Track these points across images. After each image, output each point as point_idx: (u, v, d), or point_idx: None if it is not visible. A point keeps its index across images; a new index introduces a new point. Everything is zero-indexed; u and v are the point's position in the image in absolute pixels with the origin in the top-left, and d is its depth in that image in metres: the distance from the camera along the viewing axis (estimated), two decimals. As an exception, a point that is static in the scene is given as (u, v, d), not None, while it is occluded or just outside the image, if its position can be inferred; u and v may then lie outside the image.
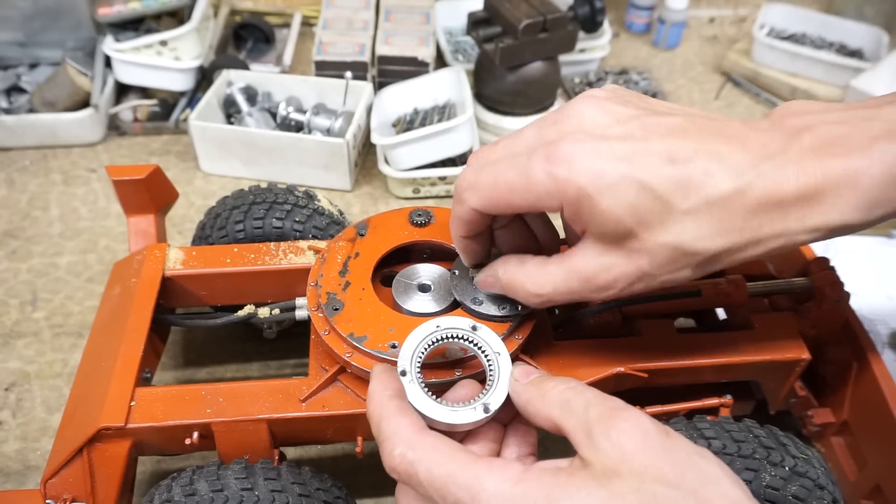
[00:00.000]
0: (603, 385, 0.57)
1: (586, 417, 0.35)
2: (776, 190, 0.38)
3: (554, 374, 0.55)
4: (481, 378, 0.49)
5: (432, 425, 0.40)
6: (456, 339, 0.45)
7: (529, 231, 0.51)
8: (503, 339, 0.52)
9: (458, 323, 0.45)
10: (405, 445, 0.36)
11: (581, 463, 0.34)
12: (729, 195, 0.39)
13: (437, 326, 0.45)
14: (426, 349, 0.44)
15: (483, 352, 0.44)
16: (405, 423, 0.38)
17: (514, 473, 0.34)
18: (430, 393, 0.41)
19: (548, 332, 0.59)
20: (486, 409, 0.41)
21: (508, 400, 0.41)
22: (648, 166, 0.39)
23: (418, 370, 0.43)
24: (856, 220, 0.39)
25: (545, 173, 0.40)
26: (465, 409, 0.41)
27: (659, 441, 0.34)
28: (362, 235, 0.61)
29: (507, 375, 0.42)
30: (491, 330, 0.45)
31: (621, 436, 0.34)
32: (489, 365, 0.44)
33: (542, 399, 0.38)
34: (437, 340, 0.44)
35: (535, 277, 0.45)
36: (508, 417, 0.43)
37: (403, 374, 0.42)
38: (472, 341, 0.45)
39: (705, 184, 0.39)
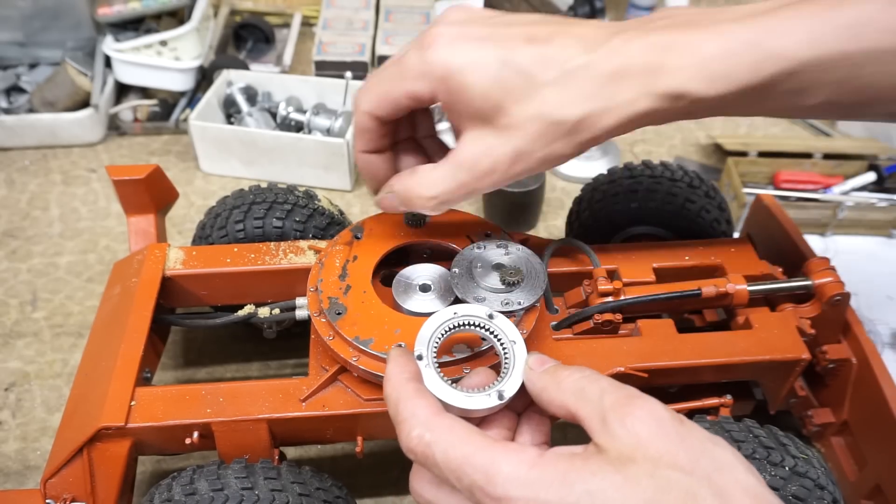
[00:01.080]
0: (603, 385, 0.57)
1: (601, 405, 0.36)
2: (624, 59, 0.43)
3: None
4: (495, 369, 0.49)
5: (447, 410, 0.40)
6: (472, 327, 0.45)
7: (426, 154, 0.55)
8: None
9: (474, 311, 0.45)
10: (423, 427, 0.37)
11: (596, 449, 0.35)
12: (583, 65, 0.43)
13: (455, 313, 0.45)
14: (443, 335, 0.44)
15: (499, 340, 0.44)
16: (422, 405, 0.38)
17: (530, 457, 0.35)
18: (445, 378, 0.41)
19: (548, 331, 0.59)
20: (500, 396, 0.41)
21: (523, 388, 0.41)
22: (510, 45, 0.43)
23: (434, 355, 0.43)
24: (699, 89, 0.42)
25: (416, 58, 0.45)
26: (479, 396, 0.41)
27: (673, 428, 0.34)
28: (358, 238, 0.61)
29: (522, 363, 0.42)
30: (507, 319, 0.45)
31: (636, 423, 0.34)
32: (504, 353, 0.44)
33: (557, 387, 0.39)
34: (454, 327, 0.45)
35: (426, 180, 0.48)
36: (522, 406, 0.43)
37: (420, 358, 0.42)
38: (487, 329, 0.45)
39: (561, 57, 0.43)
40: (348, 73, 1.01)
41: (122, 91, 1.09)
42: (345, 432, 0.56)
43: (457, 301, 0.56)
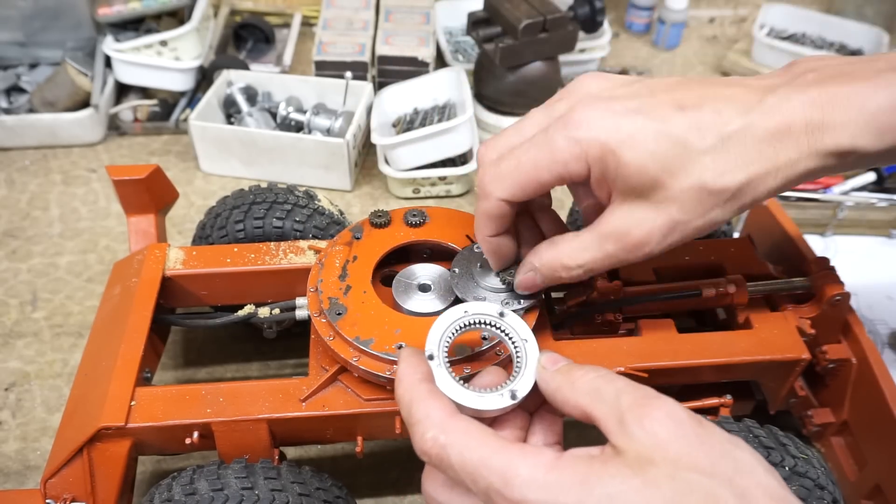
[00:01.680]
0: (603, 385, 0.57)
1: (618, 405, 0.35)
2: (784, 118, 0.41)
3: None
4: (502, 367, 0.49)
5: (459, 411, 0.40)
6: (483, 325, 0.44)
7: (539, 229, 0.52)
8: None
9: (485, 309, 0.44)
10: (437, 429, 0.36)
11: (614, 451, 0.34)
12: (741, 128, 0.41)
13: (465, 312, 0.44)
14: (454, 334, 0.43)
15: (510, 338, 0.44)
16: (436, 407, 0.37)
17: (548, 460, 0.34)
18: (457, 378, 0.41)
19: (548, 331, 0.59)
20: (513, 396, 0.40)
21: (535, 387, 0.41)
22: (661, 115, 0.41)
23: (445, 355, 0.42)
24: (868, 145, 0.40)
25: (567, 139, 0.42)
26: (492, 395, 0.40)
27: (692, 429, 0.34)
28: (358, 238, 0.61)
29: (534, 362, 0.42)
30: (518, 317, 0.44)
31: (654, 424, 0.33)
32: (516, 351, 0.43)
33: (571, 387, 0.38)
34: (465, 326, 0.44)
35: (570, 251, 0.46)
36: (535, 405, 0.42)
37: (431, 357, 0.42)
38: (499, 327, 0.44)
39: (717, 122, 0.41)
40: (348, 73, 1.01)
41: (122, 91, 1.09)
42: (345, 432, 0.56)
43: (457, 301, 0.56)
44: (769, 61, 1.19)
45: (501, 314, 0.44)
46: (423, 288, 0.57)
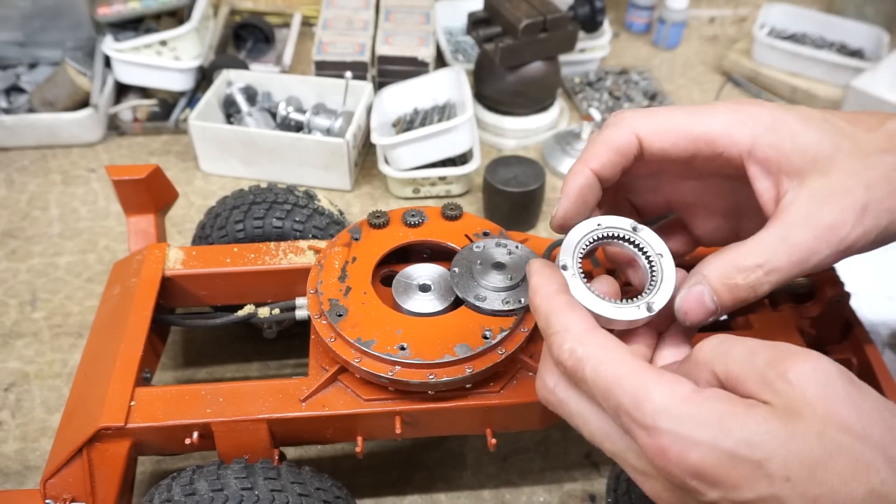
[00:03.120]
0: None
1: (754, 365, 0.32)
2: None
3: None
4: (492, 372, 0.49)
5: None
6: (616, 240, 0.42)
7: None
8: (509, 332, 0.53)
9: (619, 223, 0.42)
10: (575, 341, 0.35)
11: (758, 401, 0.31)
12: None
13: (599, 224, 0.42)
14: (587, 246, 0.42)
15: (645, 253, 0.42)
16: (576, 319, 0.36)
17: (685, 391, 0.32)
18: (591, 288, 0.40)
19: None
20: (649, 308, 0.39)
21: (668, 304, 0.39)
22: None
23: (580, 265, 0.41)
24: None
25: (732, 106, 0.39)
26: (629, 307, 0.39)
27: (844, 388, 0.31)
28: (357, 239, 0.61)
29: (671, 277, 0.40)
30: (652, 231, 0.42)
31: (801, 377, 0.31)
32: (651, 266, 0.41)
33: (698, 350, 0.35)
34: (599, 238, 0.42)
35: (746, 252, 0.38)
36: (665, 324, 0.41)
37: (565, 268, 0.40)
38: (632, 241, 0.42)
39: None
40: (348, 73, 1.01)
41: (122, 91, 1.09)
42: (345, 432, 0.56)
43: (457, 301, 0.56)
44: (769, 61, 1.19)
45: (635, 228, 0.42)
46: (424, 288, 0.57)
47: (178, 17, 1.10)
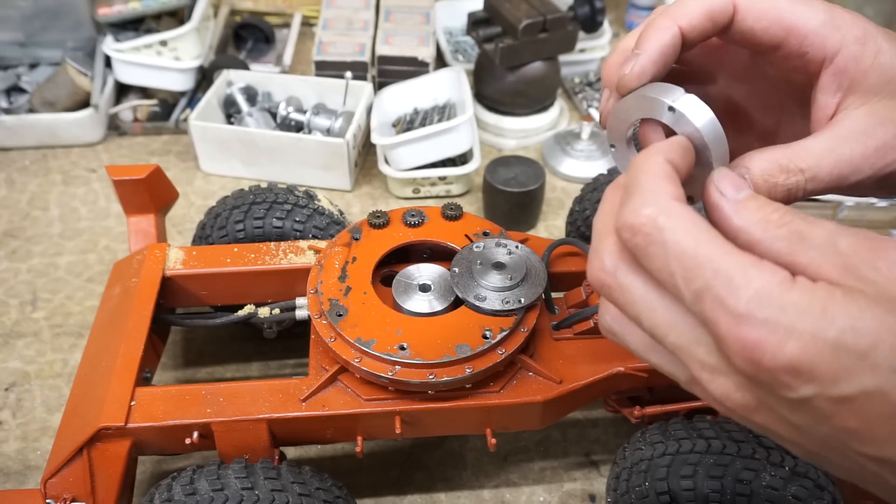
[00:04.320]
0: (603, 385, 0.57)
1: (836, 251, 0.29)
2: None
3: (555, 374, 0.55)
4: (492, 372, 0.49)
5: None
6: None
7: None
8: (509, 332, 0.53)
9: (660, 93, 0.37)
10: (659, 207, 0.30)
11: (850, 288, 0.28)
12: None
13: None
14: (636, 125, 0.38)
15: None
16: (665, 189, 0.31)
17: (784, 278, 0.28)
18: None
19: (548, 331, 0.59)
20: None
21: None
22: None
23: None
24: None
25: (828, 5, 0.36)
26: None
27: None
28: (357, 240, 0.61)
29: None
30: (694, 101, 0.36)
31: (892, 266, 0.28)
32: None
33: (762, 228, 0.30)
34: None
35: (793, 153, 0.36)
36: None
37: (613, 146, 0.39)
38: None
39: None
40: (348, 73, 1.01)
41: (122, 91, 1.09)
42: (345, 432, 0.56)
43: (457, 301, 0.56)
44: (769, 61, 1.18)
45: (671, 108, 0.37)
46: (424, 288, 0.58)
47: (178, 17, 1.10)
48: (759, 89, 0.42)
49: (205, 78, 1.10)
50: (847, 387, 0.27)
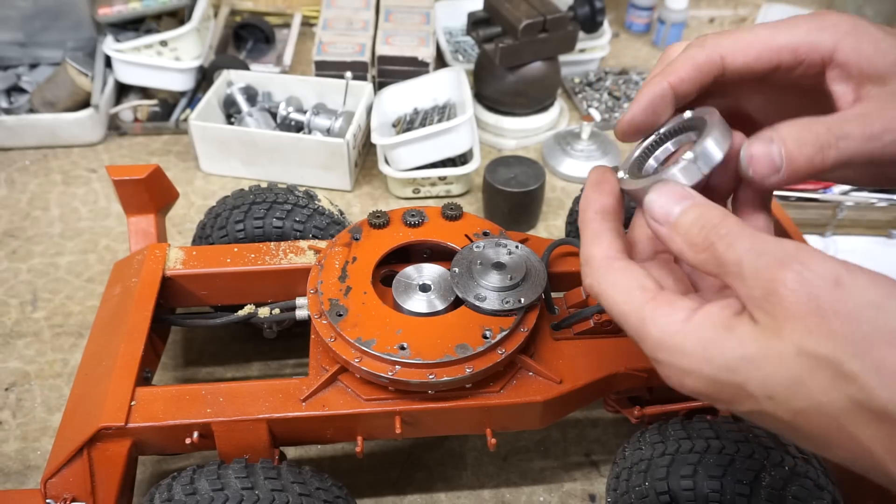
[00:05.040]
0: (603, 385, 0.57)
1: (743, 278, 0.32)
2: None
3: (555, 374, 0.55)
4: (492, 372, 0.49)
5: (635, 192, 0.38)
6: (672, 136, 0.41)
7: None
8: (509, 332, 0.53)
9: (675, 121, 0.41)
10: (592, 277, 0.37)
11: (745, 317, 0.32)
12: None
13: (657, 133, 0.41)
14: (646, 153, 0.42)
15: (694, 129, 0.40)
16: (598, 250, 0.38)
17: (676, 321, 0.33)
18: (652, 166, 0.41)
19: (548, 331, 0.59)
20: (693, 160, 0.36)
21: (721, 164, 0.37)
22: None
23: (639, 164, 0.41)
24: None
25: (810, 18, 0.38)
26: (673, 169, 0.37)
27: (827, 295, 0.29)
28: (357, 240, 0.61)
29: (721, 134, 0.37)
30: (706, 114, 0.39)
31: (789, 291, 0.30)
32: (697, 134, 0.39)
33: (694, 253, 0.34)
34: (652, 144, 0.42)
35: (828, 124, 0.36)
36: (726, 189, 0.40)
37: (616, 169, 0.41)
38: (685, 129, 0.41)
39: None
40: (348, 73, 1.01)
41: (123, 91, 1.10)
42: (345, 432, 0.56)
43: (457, 301, 0.56)
44: (769, 61, 1.18)
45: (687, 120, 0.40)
46: (424, 288, 0.58)
47: (178, 17, 1.10)
48: (773, 99, 0.44)
49: (205, 78, 1.10)
50: (741, 408, 0.32)
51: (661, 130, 0.41)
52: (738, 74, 0.40)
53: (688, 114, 0.40)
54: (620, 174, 0.41)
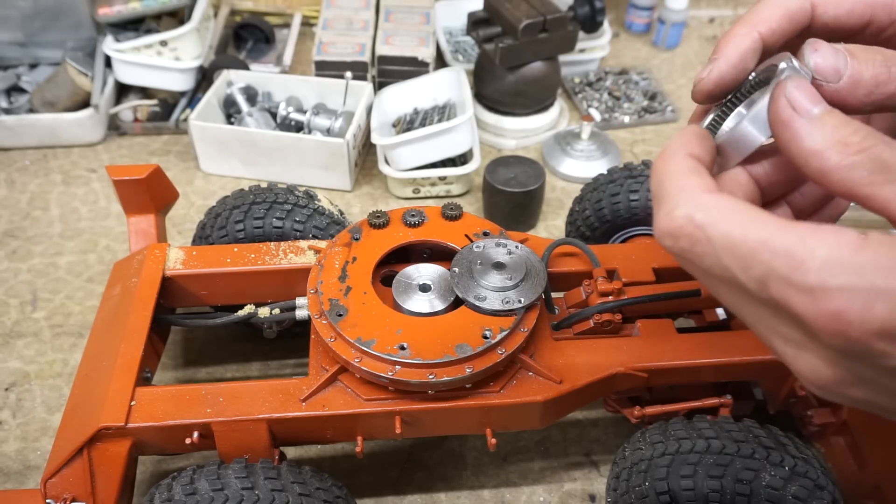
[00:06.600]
0: (603, 385, 0.57)
1: None
2: None
3: (555, 374, 0.55)
4: (492, 372, 0.49)
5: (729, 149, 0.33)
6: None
7: None
8: (509, 332, 0.53)
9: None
10: (693, 205, 0.28)
11: None
12: None
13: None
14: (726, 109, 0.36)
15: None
16: (695, 183, 0.29)
17: (853, 239, 0.26)
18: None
19: (548, 331, 0.59)
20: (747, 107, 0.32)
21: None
22: None
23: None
24: None
25: None
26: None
27: None
28: (357, 240, 0.61)
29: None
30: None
31: None
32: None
33: (840, 156, 0.27)
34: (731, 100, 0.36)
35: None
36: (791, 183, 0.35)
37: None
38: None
39: None
40: (348, 73, 1.01)
41: (123, 91, 1.09)
42: (345, 432, 0.56)
43: (457, 301, 0.56)
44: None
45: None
46: (424, 288, 0.58)
47: (178, 17, 1.10)
48: None
49: (205, 78, 1.10)
50: None
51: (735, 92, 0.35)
52: (827, 28, 0.35)
53: (760, 70, 0.35)
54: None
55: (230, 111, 1.02)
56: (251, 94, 1.03)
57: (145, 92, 1.09)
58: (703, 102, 0.36)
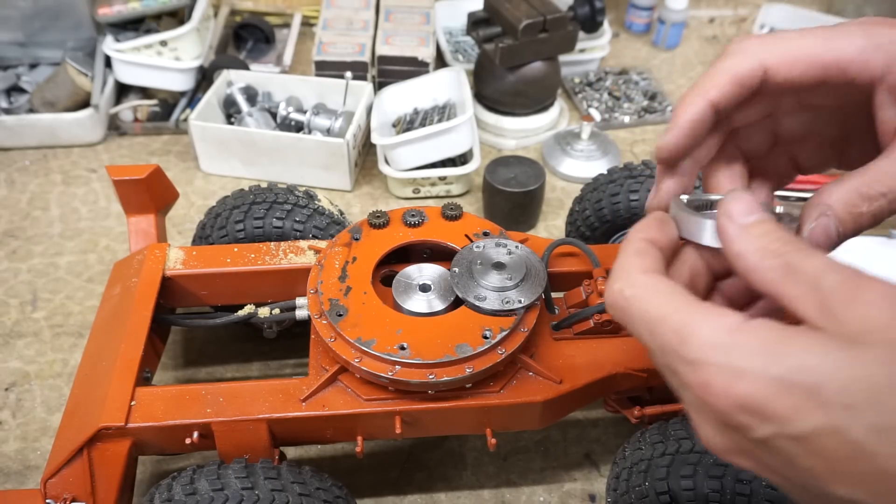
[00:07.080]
0: (603, 385, 0.57)
1: (818, 288, 0.29)
2: None
3: (555, 374, 0.55)
4: (492, 372, 0.49)
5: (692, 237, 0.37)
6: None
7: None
8: (509, 332, 0.53)
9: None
10: (625, 282, 0.34)
11: (812, 326, 0.29)
12: None
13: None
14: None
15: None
16: (635, 263, 0.34)
17: (732, 322, 0.29)
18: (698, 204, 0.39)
19: (548, 331, 0.59)
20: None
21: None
22: None
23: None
24: None
25: (864, 27, 0.35)
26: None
27: None
28: (357, 240, 0.61)
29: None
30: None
31: (866, 307, 0.27)
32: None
33: (759, 256, 0.31)
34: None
35: (870, 179, 0.35)
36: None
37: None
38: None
39: None
40: (348, 73, 1.01)
41: (123, 91, 1.09)
42: (345, 432, 0.56)
43: (457, 301, 0.56)
44: (769, 61, 1.18)
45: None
46: (424, 288, 0.58)
47: (178, 17, 1.10)
48: (809, 113, 0.42)
49: (205, 78, 1.10)
50: (801, 425, 0.27)
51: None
52: (780, 88, 0.38)
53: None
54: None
55: (230, 111, 1.02)
56: (251, 94, 1.03)
57: (145, 92, 1.09)
58: (667, 165, 0.41)
